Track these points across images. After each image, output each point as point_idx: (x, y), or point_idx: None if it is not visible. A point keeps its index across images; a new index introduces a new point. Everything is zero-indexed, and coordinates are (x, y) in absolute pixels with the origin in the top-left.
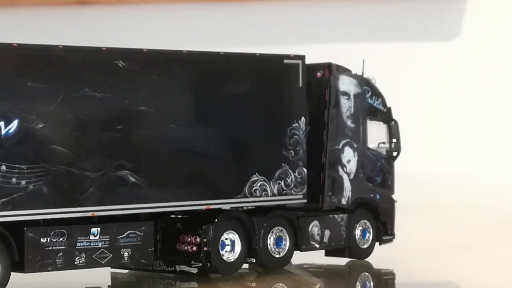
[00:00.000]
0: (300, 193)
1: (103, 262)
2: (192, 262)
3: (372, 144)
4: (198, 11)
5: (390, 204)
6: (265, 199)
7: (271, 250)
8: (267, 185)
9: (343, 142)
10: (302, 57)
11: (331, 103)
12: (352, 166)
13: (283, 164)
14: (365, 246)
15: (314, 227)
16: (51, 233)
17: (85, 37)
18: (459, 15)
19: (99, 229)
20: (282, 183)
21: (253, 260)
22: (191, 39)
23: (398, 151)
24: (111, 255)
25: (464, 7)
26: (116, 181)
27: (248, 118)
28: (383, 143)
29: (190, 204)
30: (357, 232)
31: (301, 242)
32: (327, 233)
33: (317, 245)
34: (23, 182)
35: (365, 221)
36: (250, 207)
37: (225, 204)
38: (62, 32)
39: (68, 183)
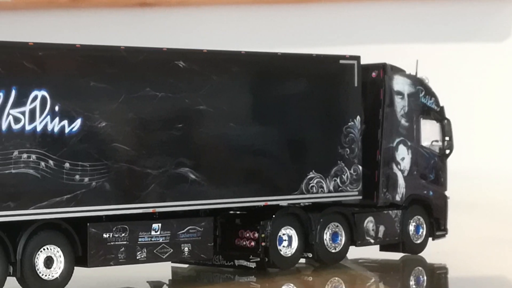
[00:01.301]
0: (356, 189)
1: (164, 257)
2: (251, 256)
3: (425, 142)
4: (256, 13)
5: (443, 200)
6: (322, 196)
7: (327, 245)
8: (324, 182)
9: (397, 140)
10: (357, 58)
11: (386, 102)
12: (406, 164)
13: (339, 161)
14: (418, 241)
15: (369, 223)
16: (114, 229)
17: (146, 38)
18: (510, 16)
19: (160, 224)
20: (338, 180)
21: (310, 255)
22: (250, 40)
23: (451, 149)
24: (172, 250)
25: None
26: (177, 178)
27: (305, 117)
28: (436, 141)
29: (248, 200)
30: (411, 227)
31: (356, 237)
32: (381, 228)
33: (372, 240)
34: (86, 179)
35: (419, 217)
36: (306, 204)
37: (283, 200)
38: (124, 33)
39: (129, 180)
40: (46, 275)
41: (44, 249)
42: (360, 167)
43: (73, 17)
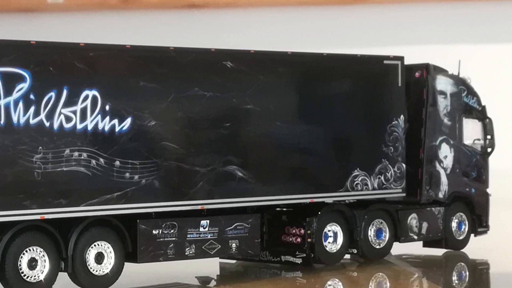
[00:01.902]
0: (399, 187)
1: (212, 252)
2: (297, 252)
3: (467, 140)
4: (302, 14)
5: (485, 197)
6: (366, 193)
7: (371, 241)
8: (368, 180)
9: (440, 138)
10: (401, 58)
11: (429, 102)
12: (448, 162)
13: (383, 159)
14: (461, 238)
15: (412, 220)
16: (163, 225)
17: (195, 39)
18: None
19: (208, 221)
20: (382, 178)
21: (355, 251)
22: (296, 41)
23: (492, 147)
24: (220, 246)
25: None
26: (225, 176)
27: (350, 116)
28: (478, 139)
29: (294, 197)
30: (453, 224)
31: (400, 233)
32: (425, 225)
33: (416, 237)
34: (136, 176)
35: (461, 213)
36: (351, 201)
37: (328, 197)
38: (173, 34)
39: (178, 178)
40: (96, 271)
41: (95, 245)
42: (404, 165)
43: (123, 18)
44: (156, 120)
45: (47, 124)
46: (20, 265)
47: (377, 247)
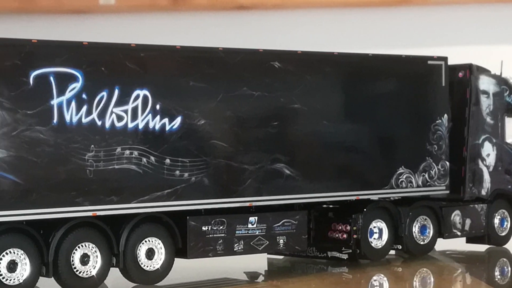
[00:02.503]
0: (443, 184)
1: (260, 248)
2: (343, 248)
3: (510, 139)
4: (347, 15)
5: None
6: (411, 190)
7: (416, 237)
8: (412, 177)
9: (483, 137)
10: (445, 59)
11: (472, 101)
12: (491, 160)
13: (427, 157)
14: (503, 234)
15: (456, 216)
16: (212, 222)
17: (243, 40)
18: None
19: (256, 218)
20: (426, 175)
21: (399, 247)
22: (342, 41)
23: None
24: (268, 242)
25: None
26: (272, 174)
27: (395, 115)
28: None
29: (341, 195)
30: (496, 220)
31: (444, 230)
32: (468, 221)
33: (459, 233)
34: (186, 174)
35: (504, 210)
36: (396, 198)
37: (374, 195)
38: (222, 35)
39: (227, 175)
40: (147, 266)
41: (145, 241)
42: (448, 163)
43: (174, 20)
44: (206, 119)
45: (99, 123)
46: (72, 260)
47: (421, 243)
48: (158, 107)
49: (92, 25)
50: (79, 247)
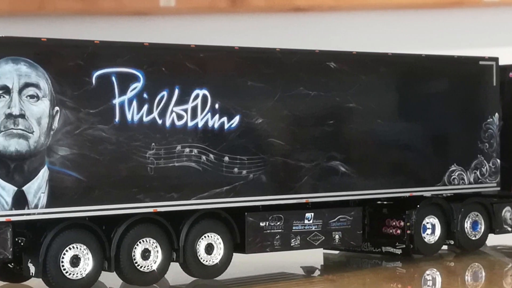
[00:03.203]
0: (494, 181)
1: (316, 244)
2: (397, 243)
3: None
4: (401, 17)
5: None
6: (463, 187)
7: (468, 233)
8: (464, 174)
9: None
10: (496, 59)
11: None
12: None
13: (478, 155)
14: None
15: (506, 212)
16: (269, 218)
17: (300, 41)
18: None
19: (312, 214)
20: (478, 173)
21: (452, 242)
22: (395, 42)
23: None
24: (324, 238)
25: None
26: (328, 171)
27: (447, 114)
28: None
29: (394, 191)
30: None
31: (495, 225)
32: None
33: (509, 229)
34: (244, 171)
35: None
36: (448, 194)
37: (427, 191)
38: (279, 36)
39: (284, 173)
40: (207, 261)
41: (205, 237)
42: (498, 161)
43: (232, 21)
44: (263, 118)
45: (159, 121)
46: (134, 255)
47: (473, 238)
48: (217, 106)
49: (153, 27)
50: (140, 242)
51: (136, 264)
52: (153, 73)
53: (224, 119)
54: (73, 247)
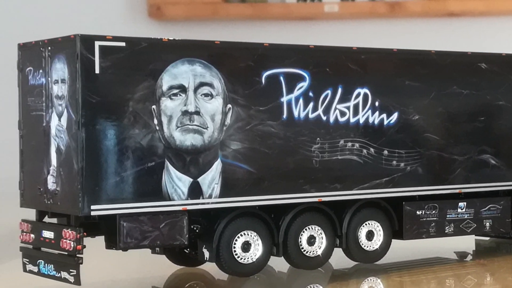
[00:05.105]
0: None
1: (468, 231)
2: None
3: None
4: None
5: None
6: None
7: None
8: None
9: None
10: None
11: None
12: None
13: None
14: None
15: None
16: (425, 207)
17: (453, 43)
18: None
19: (465, 203)
20: None
21: None
22: None
23: None
24: (475, 225)
25: None
26: (479, 164)
27: None
28: None
29: None
30: None
31: None
32: None
33: None
34: (402, 164)
35: None
36: None
37: None
38: (434, 39)
39: (439, 165)
40: (367, 246)
41: (366, 224)
42: None
43: (391, 25)
44: (420, 115)
45: (324, 118)
46: (300, 241)
47: None
48: (377, 103)
49: (318, 30)
50: (306, 229)
51: (302, 250)
52: (318, 73)
53: (384, 115)
54: (244, 233)
